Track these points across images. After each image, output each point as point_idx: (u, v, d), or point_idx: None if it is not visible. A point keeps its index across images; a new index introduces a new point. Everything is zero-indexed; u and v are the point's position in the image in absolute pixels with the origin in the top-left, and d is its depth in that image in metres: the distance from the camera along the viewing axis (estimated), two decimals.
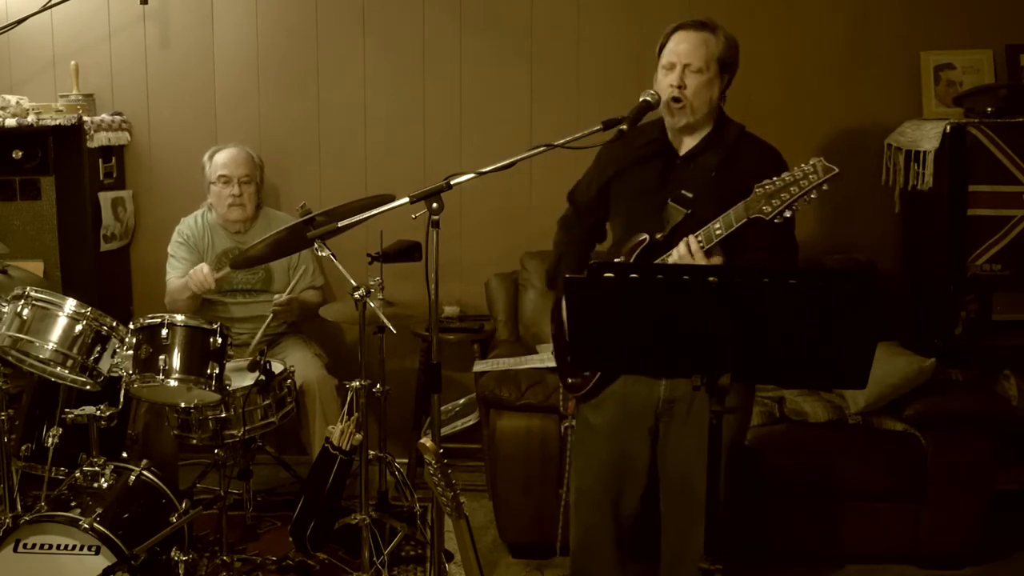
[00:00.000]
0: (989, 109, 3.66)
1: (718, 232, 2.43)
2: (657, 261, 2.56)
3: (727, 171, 2.58)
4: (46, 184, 3.84)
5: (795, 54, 4.10)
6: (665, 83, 2.59)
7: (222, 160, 3.84)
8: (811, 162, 2.37)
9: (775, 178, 2.38)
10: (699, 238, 2.46)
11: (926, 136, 3.73)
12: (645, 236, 2.60)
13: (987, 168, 3.64)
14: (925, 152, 3.72)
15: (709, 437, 2.06)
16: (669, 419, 2.67)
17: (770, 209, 2.37)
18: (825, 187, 2.35)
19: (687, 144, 2.66)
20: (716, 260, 2.46)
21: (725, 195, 2.48)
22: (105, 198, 4.02)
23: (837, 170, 2.35)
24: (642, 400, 2.67)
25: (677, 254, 2.49)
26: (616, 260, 2.66)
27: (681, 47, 2.58)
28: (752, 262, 2.53)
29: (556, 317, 2.86)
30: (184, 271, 3.75)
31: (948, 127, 3.65)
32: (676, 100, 2.57)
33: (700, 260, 2.44)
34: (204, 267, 3.64)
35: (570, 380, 2.78)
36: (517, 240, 4.17)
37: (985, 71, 3.95)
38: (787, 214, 2.37)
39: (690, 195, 2.56)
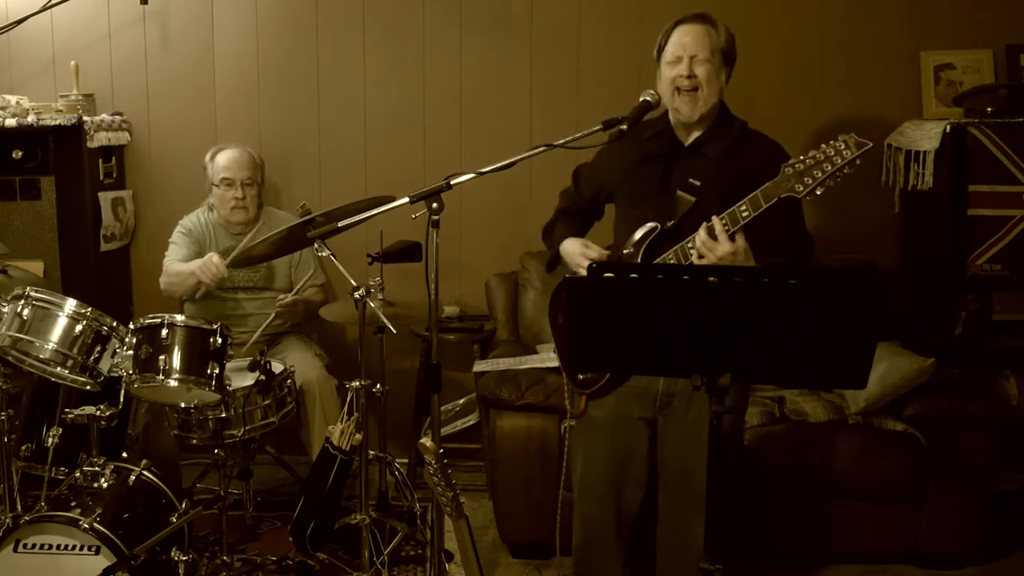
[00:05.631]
0: (989, 109, 3.66)
1: (744, 214, 2.41)
2: (674, 249, 2.56)
3: (731, 161, 2.59)
4: (46, 184, 3.84)
5: (795, 54, 4.10)
6: (672, 75, 2.61)
7: (224, 163, 3.84)
8: (842, 138, 2.37)
9: (804, 156, 2.37)
10: (724, 221, 2.44)
11: (926, 136, 3.73)
12: (655, 224, 2.59)
13: (987, 168, 3.63)
14: (925, 152, 3.72)
15: (709, 438, 2.05)
16: (668, 413, 2.67)
17: (802, 188, 2.36)
18: (858, 162, 2.35)
19: (692, 135, 2.67)
20: (740, 242, 2.43)
21: (728, 185, 2.48)
22: (105, 198, 4.02)
23: (871, 144, 2.35)
24: (641, 393, 2.68)
25: (699, 239, 2.46)
26: (625, 251, 2.66)
27: (686, 39, 2.61)
28: (771, 254, 2.52)
29: (553, 315, 2.85)
30: (185, 257, 3.74)
31: (948, 127, 3.65)
32: (691, 90, 2.57)
33: (724, 243, 2.42)
34: (215, 256, 3.58)
35: (581, 377, 2.76)
36: (517, 240, 4.17)
37: (985, 71, 3.95)
38: (819, 192, 2.36)
39: (698, 183, 2.56)
